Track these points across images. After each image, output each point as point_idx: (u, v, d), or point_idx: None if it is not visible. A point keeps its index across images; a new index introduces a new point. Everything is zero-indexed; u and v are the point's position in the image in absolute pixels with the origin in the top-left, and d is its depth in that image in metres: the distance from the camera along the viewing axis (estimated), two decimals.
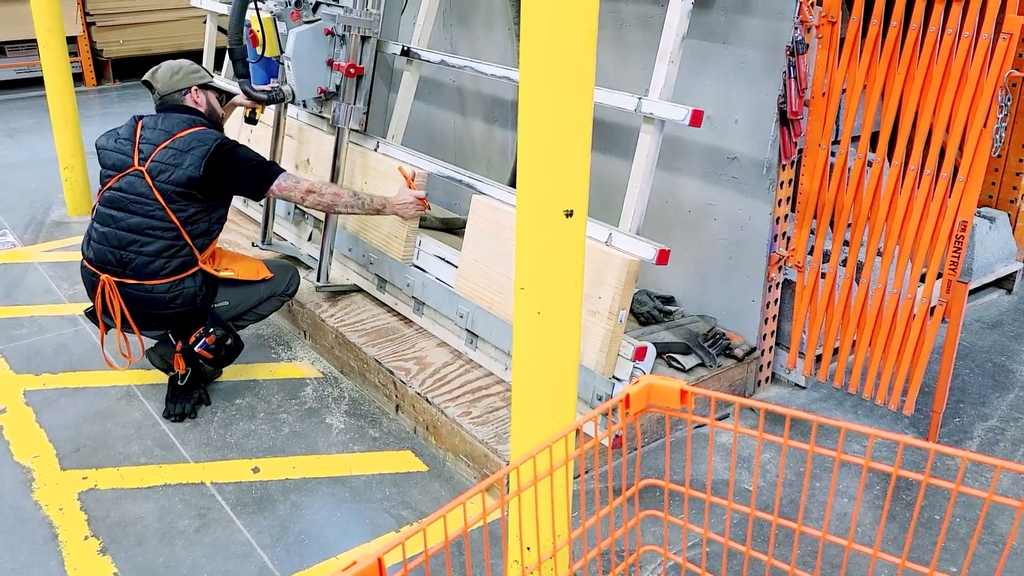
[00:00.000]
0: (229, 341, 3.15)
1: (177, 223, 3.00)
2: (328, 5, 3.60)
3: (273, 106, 3.87)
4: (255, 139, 4.26)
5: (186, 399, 3.22)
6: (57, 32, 4.84)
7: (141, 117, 3.16)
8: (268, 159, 3.26)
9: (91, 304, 3.19)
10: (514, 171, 4.12)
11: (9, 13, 7.84)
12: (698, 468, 2.89)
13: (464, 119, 4.41)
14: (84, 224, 5.04)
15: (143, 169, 3.01)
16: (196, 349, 3.09)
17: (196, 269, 3.08)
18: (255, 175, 3.12)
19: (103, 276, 3.05)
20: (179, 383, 3.22)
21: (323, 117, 3.95)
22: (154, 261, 3.02)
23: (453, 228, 4.14)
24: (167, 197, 2.99)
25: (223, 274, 3.18)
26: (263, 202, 4.13)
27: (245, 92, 3.47)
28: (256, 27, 3.52)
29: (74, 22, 7.98)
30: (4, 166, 6.10)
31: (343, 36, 3.52)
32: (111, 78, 8.55)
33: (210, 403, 3.28)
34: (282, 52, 3.58)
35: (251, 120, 3.70)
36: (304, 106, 4.01)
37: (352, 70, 3.53)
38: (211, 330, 3.11)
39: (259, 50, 3.55)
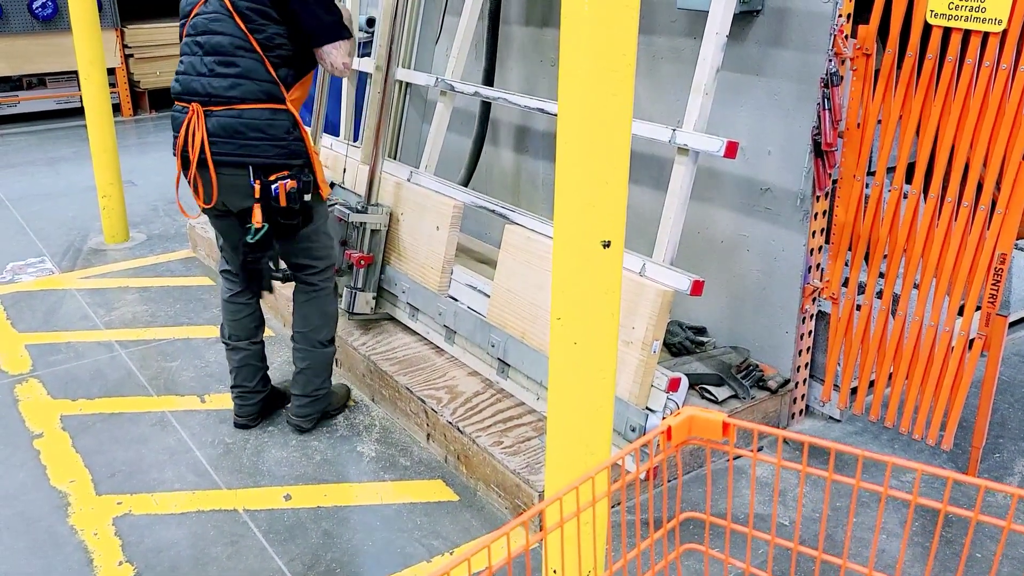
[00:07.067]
0: (308, 198, 2.92)
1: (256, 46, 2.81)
2: (340, 204, 3.76)
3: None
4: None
5: (257, 272, 3.06)
6: (98, 64, 4.95)
7: None
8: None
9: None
10: (465, 172, 4.19)
11: (50, 46, 8.05)
12: (733, 502, 2.86)
13: (496, 149, 4.45)
14: (121, 251, 5.15)
15: None
16: (276, 185, 2.84)
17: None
18: (326, 15, 2.86)
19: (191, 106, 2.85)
20: (250, 239, 2.93)
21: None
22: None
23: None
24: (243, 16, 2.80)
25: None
26: None
27: None
28: None
29: (113, 54, 8.18)
30: (43, 195, 6.23)
31: (355, 227, 3.68)
32: (148, 108, 8.73)
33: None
34: None
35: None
36: None
37: (363, 261, 3.66)
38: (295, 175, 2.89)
39: None
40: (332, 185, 3.96)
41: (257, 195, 2.86)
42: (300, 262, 3.14)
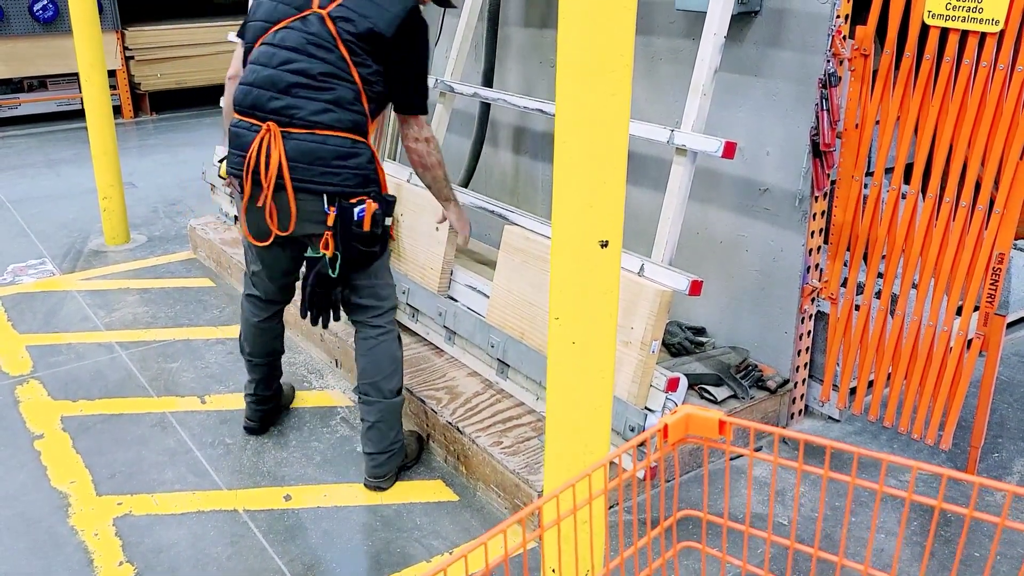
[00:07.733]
0: (390, 221, 2.77)
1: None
2: None
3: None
4: None
5: (325, 301, 2.88)
6: (99, 67, 4.96)
7: None
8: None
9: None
10: (465, 173, 4.22)
11: (50, 48, 8.07)
12: (731, 501, 2.86)
13: (495, 150, 4.46)
14: (122, 253, 5.16)
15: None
16: (361, 208, 2.69)
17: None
18: (421, 81, 2.82)
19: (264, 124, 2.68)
20: (332, 272, 2.77)
21: None
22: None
23: None
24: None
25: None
26: None
27: None
28: None
29: (114, 57, 8.19)
30: (44, 197, 6.24)
31: None
32: (148, 110, 8.74)
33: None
34: None
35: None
36: None
37: None
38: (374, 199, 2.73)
39: None
40: None
41: (331, 222, 2.68)
42: (366, 303, 2.90)
